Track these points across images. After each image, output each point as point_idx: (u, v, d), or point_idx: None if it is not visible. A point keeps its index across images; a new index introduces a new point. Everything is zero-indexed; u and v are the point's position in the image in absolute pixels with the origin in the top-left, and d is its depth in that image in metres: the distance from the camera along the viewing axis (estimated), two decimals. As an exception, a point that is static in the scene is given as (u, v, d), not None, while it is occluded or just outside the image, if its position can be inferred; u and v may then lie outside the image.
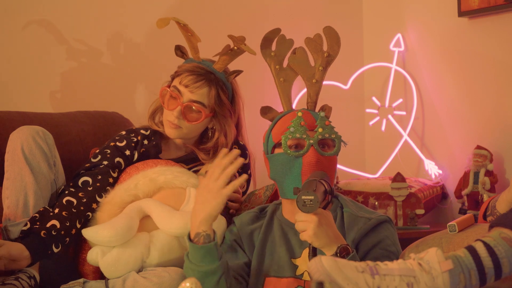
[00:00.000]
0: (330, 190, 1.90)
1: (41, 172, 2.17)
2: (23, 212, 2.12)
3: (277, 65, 2.15)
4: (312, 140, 2.02)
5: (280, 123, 2.09)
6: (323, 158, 2.02)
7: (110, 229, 2.09)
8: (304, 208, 1.80)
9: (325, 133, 2.03)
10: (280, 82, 2.14)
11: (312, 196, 1.79)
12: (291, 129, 2.02)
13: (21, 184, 2.14)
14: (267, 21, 3.35)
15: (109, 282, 2.08)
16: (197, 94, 2.34)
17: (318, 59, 2.12)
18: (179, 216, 2.11)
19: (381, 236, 2.03)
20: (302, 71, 2.13)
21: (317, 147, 2.02)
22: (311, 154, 2.01)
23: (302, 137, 2.02)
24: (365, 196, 3.17)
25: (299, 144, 2.03)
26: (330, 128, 2.04)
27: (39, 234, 2.08)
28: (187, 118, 2.34)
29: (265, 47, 2.16)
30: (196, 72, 2.34)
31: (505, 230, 1.67)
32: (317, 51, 2.12)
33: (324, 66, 2.12)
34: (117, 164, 2.33)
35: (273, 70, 2.15)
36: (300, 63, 2.12)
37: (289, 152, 2.02)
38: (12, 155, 2.18)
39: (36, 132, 2.19)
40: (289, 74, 2.15)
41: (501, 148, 3.04)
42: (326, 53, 2.12)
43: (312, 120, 2.05)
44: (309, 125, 2.04)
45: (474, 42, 3.14)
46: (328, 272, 1.58)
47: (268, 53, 2.16)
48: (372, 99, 3.48)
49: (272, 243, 2.08)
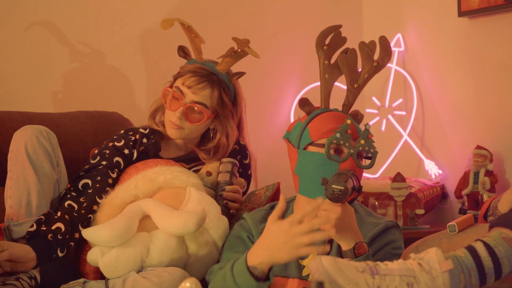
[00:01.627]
0: (358, 188, 1.91)
1: (44, 172, 2.17)
2: (26, 212, 2.12)
3: (326, 60, 2.12)
4: (353, 150, 2.00)
5: (320, 121, 2.06)
6: (357, 170, 2.02)
7: (109, 229, 2.09)
8: (333, 197, 1.82)
9: (366, 146, 2.02)
10: (324, 78, 2.12)
11: (342, 186, 1.81)
12: (337, 135, 2.00)
13: (24, 184, 2.14)
14: (268, 21, 3.36)
15: (109, 282, 2.08)
16: (199, 95, 2.34)
17: (367, 66, 2.11)
18: (178, 215, 2.11)
19: (388, 240, 2.03)
20: (348, 73, 2.11)
21: (356, 157, 2.01)
22: (349, 163, 2.00)
23: (345, 145, 2.01)
24: (365, 196, 3.17)
25: (337, 149, 2.02)
26: (371, 142, 2.03)
27: (46, 237, 2.09)
28: (189, 119, 2.35)
29: (320, 39, 2.13)
30: (199, 73, 2.35)
31: (505, 230, 1.68)
32: (367, 57, 2.11)
33: (369, 74, 2.11)
34: (116, 164, 2.34)
35: (321, 64, 2.12)
36: (349, 64, 2.10)
37: (332, 157, 2.00)
38: (16, 155, 2.17)
39: (40, 131, 2.19)
40: (334, 71, 2.12)
41: (501, 148, 3.05)
42: (375, 62, 2.11)
43: (355, 130, 2.05)
44: (353, 134, 2.03)
45: (474, 42, 3.14)
46: (328, 272, 1.58)
47: (321, 46, 2.12)
48: (372, 99, 3.48)
49: None
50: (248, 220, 2.14)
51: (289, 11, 3.44)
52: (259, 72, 3.21)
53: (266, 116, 3.37)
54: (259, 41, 3.09)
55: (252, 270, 1.82)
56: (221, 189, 2.33)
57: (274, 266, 2.01)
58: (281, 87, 3.38)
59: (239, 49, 2.37)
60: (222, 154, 2.40)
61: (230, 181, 2.35)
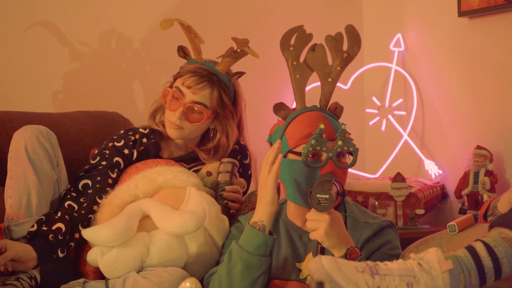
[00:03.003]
0: (342, 192, 1.90)
1: (44, 172, 2.17)
2: (26, 212, 2.12)
3: (294, 61, 2.09)
4: (331, 153, 1.98)
5: (296, 127, 2.04)
6: (339, 170, 2.00)
7: (109, 229, 2.09)
8: (319, 206, 1.81)
9: (344, 145, 1.99)
10: (295, 79, 2.09)
11: (327, 195, 1.80)
12: (312, 142, 1.97)
13: (24, 184, 2.14)
14: (268, 21, 3.36)
15: (109, 282, 2.08)
16: (199, 95, 2.34)
17: (337, 58, 2.07)
18: (178, 215, 2.11)
19: (383, 241, 2.02)
20: (319, 69, 2.08)
21: (335, 159, 1.99)
22: (329, 167, 1.98)
23: (323, 150, 1.99)
24: (365, 196, 3.17)
25: (316, 154, 2.00)
26: (349, 141, 2.00)
27: (47, 237, 2.09)
28: (189, 119, 2.35)
29: (284, 41, 2.10)
30: (198, 73, 2.35)
31: (505, 230, 1.68)
32: (336, 50, 2.07)
33: (341, 66, 2.07)
34: (116, 164, 2.34)
35: (290, 66, 2.10)
36: (318, 61, 2.07)
37: (310, 163, 1.98)
38: (16, 154, 2.17)
39: (40, 131, 2.19)
40: (305, 70, 2.09)
41: (501, 148, 3.04)
42: (345, 53, 2.07)
43: (331, 130, 2.02)
44: (329, 135, 2.00)
45: (474, 42, 3.14)
46: (328, 272, 1.58)
47: (287, 47, 2.10)
48: (372, 99, 3.48)
49: (278, 246, 2.07)
50: (243, 223, 2.14)
51: (289, 11, 3.43)
52: (259, 72, 3.21)
53: (266, 116, 3.36)
54: (259, 41, 3.09)
55: (254, 226, 1.96)
56: (221, 189, 2.33)
57: (273, 270, 2.02)
58: (281, 87, 3.38)
59: (238, 49, 2.37)
60: (222, 154, 2.40)
61: (230, 181, 2.35)
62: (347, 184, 3.25)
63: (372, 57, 3.53)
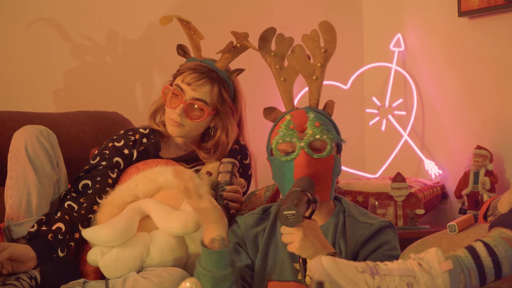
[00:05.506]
0: (313, 199, 1.86)
1: (44, 172, 2.17)
2: (26, 212, 2.12)
3: (277, 65, 2.11)
4: (302, 143, 1.98)
5: (275, 126, 2.07)
6: (315, 160, 1.98)
7: (109, 229, 2.09)
8: (288, 222, 1.78)
9: (316, 134, 1.99)
10: (281, 82, 2.11)
11: (293, 211, 1.77)
12: (280, 133, 1.99)
13: (24, 184, 2.14)
14: (267, 21, 3.35)
15: (109, 282, 2.08)
16: (199, 92, 2.35)
17: (317, 55, 2.08)
18: (178, 215, 2.11)
19: (381, 241, 2.02)
20: (302, 69, 2.09)
21: (308, 149, 1.98)
22: (301, 158, 1.97)
23: (292, 141, 1.98)
24: (365, 196, 3.16)
25: (292, 146, 2.00)
26: (321, 129, 1.99)
27: (46, 236, 2.09)
28: (190, 116, 2.35)
29: (264, 47, 2.13)
30: (198, 70, 2.36)
31: (505, 230, 1.68)
32: (314, 47, 2.08)
33: (322, 63, 2.07)
34: (116, 164, 2.34)
35: (274, 70, 2.11)
36: (299, 61, 2.08)
37: (281, 156, 2.00)
38: (16, 154, 2.17)
39: (40, 131, 2.20)
40: (290, 73, 2.11)
41: (501, 148, 3.05)
42: (323, 49, 2.07)
43: (302, 122, 2.01)
44: (300, 126, 2.00)
45: (474, 42, 3.14)
46: (328, 272, 1.58)
47: (268, 53, 2.12)
48: (372, 99, 3.48)
49: (275, 247, 2.07)
50: (241, 225, 2.13)
51: (289, 11, 3.44)
52: (259, 71, 3.21)
53: (266, 116, 3.36)
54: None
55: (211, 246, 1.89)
56: (221, 189, 2.33)
57: (270, 271, 2.01)
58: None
59: (238, 44, 2.37)
60: (222, 152, 2.41)
61: (230, 181, 2.35)
62: (347, 184, 3.25)
63: (372, 57, 3.53)
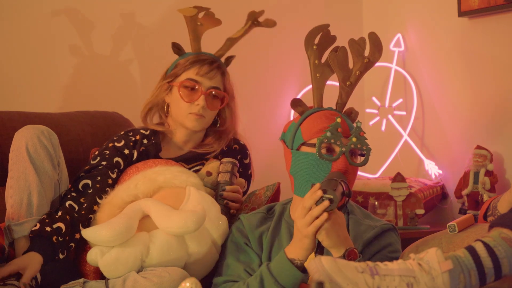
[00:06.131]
0: (348, 193, 1.89)
1: (45, 172, 2.17)
2: (27, 212, 2.12)
3: (316, 60, 2.11)
4: (344, 148, 2.00)
5: (312, 121, 2.06)
6: (351, 168, 2.02)
7: (109, 229, 2.09)
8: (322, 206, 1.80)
9: (358, 143, 2.02)
10: (315, 77, 2.12)
11: (332, 195, 1.79)
12: (327, 134, 2.00)
13: (25, 184, 2.14)
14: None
15: (109, 282, 2.08)
16: (214, 80, 2.41)
17: (358, 62, 2.10)
18: (178, 214, 2.11)
19: (384, 243, 2.03)
20: (339, 71, 2.10)
21: (348, 155, 2.01)
22: (342, 162, 2.00)
23: (336, 143, 2.00)
24: (365, 196, 3.16)
25: (330, 148, 2.02)
26: (363, 140, 2.03)
27: (51, 238, 2.09)
28: (209, 106, 2.40)
29: (309, 39, 2.13)
30: (207, 61, 2.42)
31: (505, 230, 1.68)
32: (358, 54, 2.10)
33: (361, 71, 2.09)
34: (116, 164, 2.34)
35: (312, 64, 2.12)
36: (339, 62, 2.09)
37: (323, 156, 2.00)
38: (17, 154, 2.17)
39: (41, 131, 2.19)
40: (325, 70, 2.12)
41: (501, 148, 3.05)
42: (366, 59, 2.09)
43: (347, 128, 2.04)
44: (344, 132, 2.03)
45: (474, 42, 3.14)
46: (328, 272, 1.58)
47: (311, 45, 2.12)
48: (372, 99, 3.48)
49: (279, 246, 2.07)
50: (245, 224, 2.14)
51: (289, 11, 3.43)
52: (259, 71, 3.21)
53: (266, 116, 3.36)
54: (259, 40, 3.09)
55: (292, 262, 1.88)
56: (221, 189, 2.33)
57: None
58: (281, 87, 3.38)
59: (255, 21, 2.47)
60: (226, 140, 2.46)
61: (230, 181, 2.35)
62: (347, 184, 3.25)
63: (372, 57, 3.53)
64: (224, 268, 2.12)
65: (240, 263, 2.08)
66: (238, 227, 2.16)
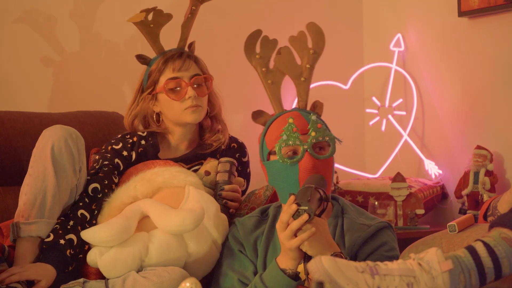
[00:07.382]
0: (325, 197, 1.86)
1: (65, 176, 2.14)
2: (38, 212, 2.10)
3: (264, 68, 2.10)
4: (306, 146, 1.98)
5: (273, 128, 2.06)
6: (319, 162, 1.99)
7: (107, 229, 2.09)
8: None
9: (319, 136, 1.99)
10: (268, 85, 2.10)
11: (306, 206, 1.78)
12: (283, 137, 1.99)
13: (42, 184, 2.12)
14: (267, 21, 3.36)
15: (109, 282, 2.08)
16: (192, 68, 2.42)
17: (304, 57, 2.08)
18: (176, 213, 2.11)
19: (380, 242, 2.02)
20: (289, 71, 2.08)
21: (312, 151, 1.99)
22: (307, 160, 1.98)
23: (296, 144, 1.99)
24: (365, 196, 3.16)
25: (294, 150, 2.00)
26: (323, 131, 2.00)
27: (65, 253, 2.10)
28: (201, 92, 2.41)
29: (249, 50, 2.11)
30: (176, 55, 2.43)
31: (505, 230, 1.68)
32: (302, 48, 2.08)
33: (311, 64, 2.07)
34: (117, 165, 2.35)
35: (260, 73, 2.10)
36: (286, 62, 2.08)
37: (285, 160, 1.99)
38: (40, 152, 2.15)
39: (70, 134, 2.17)
40: (276, 75, 2.10)
41: (501, 148, 3.05)
42: (311, 50, 2.07)
43: (304, 123, 2.01)
44: (301, 129, 2.00)
45: (474, 42, 3.14)
46: (328, 272, 1.58)
47: (253, 56, 2.10)
48: (372, 99, 3.48)
49: (274, 250, 2.07)
50: (240, 229, 2.14)
51: (289, 11, 3.43)
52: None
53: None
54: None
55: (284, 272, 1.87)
56: (220, 188, 2.33)
57: None
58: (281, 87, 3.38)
59: (193, 7, 2.52)
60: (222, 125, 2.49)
61: (229, 181, 2.35)
62: (347, 184, 3.25)
63: (372, 57, 3.53)
64: (220, 278, 2.12)
65: (234, 272, 2.08)
66: (233, 234, 2.15)
